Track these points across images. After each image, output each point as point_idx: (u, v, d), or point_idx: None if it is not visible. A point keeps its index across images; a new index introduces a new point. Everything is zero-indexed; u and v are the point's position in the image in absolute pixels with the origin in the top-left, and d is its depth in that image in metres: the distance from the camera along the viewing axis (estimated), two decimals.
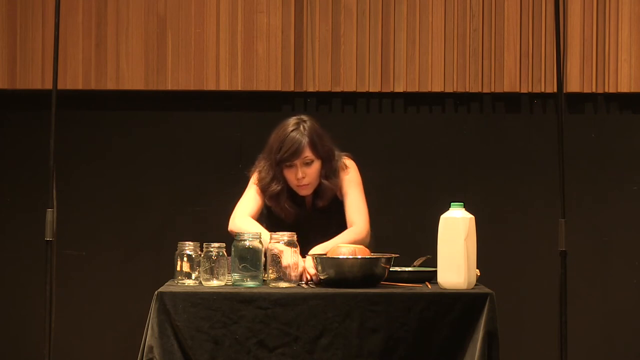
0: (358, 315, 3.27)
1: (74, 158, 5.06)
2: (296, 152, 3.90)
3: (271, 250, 3.50)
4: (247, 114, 5.04)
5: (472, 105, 5.12)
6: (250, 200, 4.03)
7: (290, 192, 4.00)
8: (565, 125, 3.73)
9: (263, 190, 4.00)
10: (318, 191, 4.00)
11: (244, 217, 3.96)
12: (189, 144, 5.12)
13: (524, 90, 5.05)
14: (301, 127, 3.94)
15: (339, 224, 3.97)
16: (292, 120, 3.98)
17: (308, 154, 3.92)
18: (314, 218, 4.01)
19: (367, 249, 3.56)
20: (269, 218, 4.06)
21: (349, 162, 4.09)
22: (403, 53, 5.04)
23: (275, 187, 3.96)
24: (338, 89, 5.04)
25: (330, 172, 3.98)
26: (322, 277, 3.48)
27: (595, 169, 5.10)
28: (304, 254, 3.66)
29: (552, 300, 4.20)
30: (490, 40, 5.04)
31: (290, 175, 3.95)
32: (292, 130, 3.93)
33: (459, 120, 5.12)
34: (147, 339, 3.28)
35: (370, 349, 3.26)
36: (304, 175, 3.92)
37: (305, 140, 3.91)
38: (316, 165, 3.94)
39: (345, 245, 3.60)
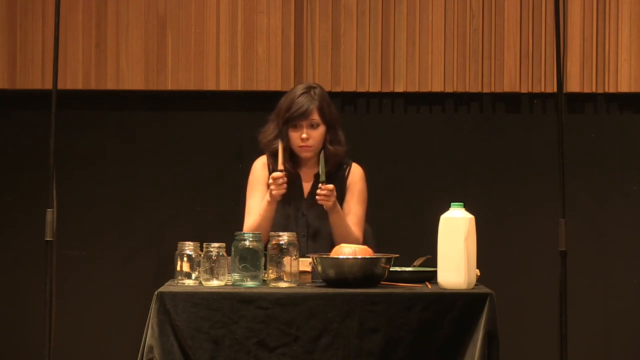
0: (358, 315, 3.27)
1: (74, 158, 5.06)
2: (304, 113, 4.05)
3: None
4: (247, 114, 5.04)
5: (472, 105, 5.11)
6: (252, 202, 4.14)
7: (290, 155, 4.11)
8: (565, 125, 3.73)
9: (265, 146, 4.13)
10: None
11: (252, 217, 4.09)
12: (189, 144, 5.12)
13: (524, 90, 5.04)
14: (311, 92, 4.10)
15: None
16: (303, 85, 4.16)
17: (315, 117, 4.07)
18: (311, 200, 4.06)
19: (369, 249, 3.56)
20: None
21: (358, 169, 4.16)
22: (403, 53, 5.04)
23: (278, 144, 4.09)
24: (338, 89, 5.04)
25: (335, 139, 4.12)
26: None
27: (595, 169, 5.09)
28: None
29: (552, 300, 4.20)
30: (490, 40, 5.04)
31: (295, 136, 4.08)
32: (302, 94, 4.10)
33: (459, 120, 5.12)
34: (147, 339, 3.28)
35: (370, 349, 3.26)
36: (309, 137, 4.06)
37: (314, 104, 4.07)
38: (321, 129, 4.09)
39: (347, 245, 3.60)
